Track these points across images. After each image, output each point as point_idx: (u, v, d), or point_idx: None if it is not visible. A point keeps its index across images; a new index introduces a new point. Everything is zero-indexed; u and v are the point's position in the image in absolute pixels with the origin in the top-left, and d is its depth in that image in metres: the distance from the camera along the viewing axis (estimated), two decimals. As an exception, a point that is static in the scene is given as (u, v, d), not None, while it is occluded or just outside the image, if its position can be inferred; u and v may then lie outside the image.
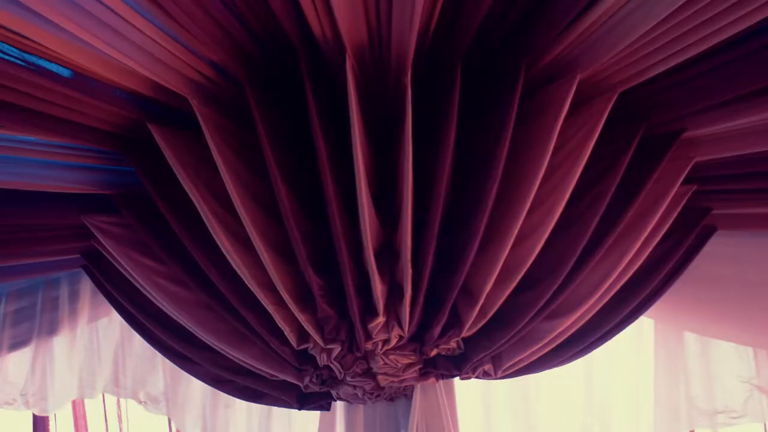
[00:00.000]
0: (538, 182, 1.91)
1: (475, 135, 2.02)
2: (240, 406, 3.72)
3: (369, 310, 2.11)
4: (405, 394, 2.53)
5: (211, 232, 2.03)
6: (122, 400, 4.45)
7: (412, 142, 1.81)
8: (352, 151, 1.82)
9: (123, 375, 3.75)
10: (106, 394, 3.95)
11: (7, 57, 1.69)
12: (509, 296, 2.12)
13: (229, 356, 2.39)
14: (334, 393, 2.48)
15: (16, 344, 3.48)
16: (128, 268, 2.35)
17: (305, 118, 1.90)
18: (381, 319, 2.12)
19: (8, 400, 3.78)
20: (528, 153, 1.94)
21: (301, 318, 2.10)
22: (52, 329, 3.45)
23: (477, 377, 2.41)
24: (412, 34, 1.67)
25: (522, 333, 2.23)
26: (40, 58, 1.74)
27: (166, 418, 3.91)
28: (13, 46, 1.67)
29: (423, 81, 1.94)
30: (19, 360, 3.74)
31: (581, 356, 2.49)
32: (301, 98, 1.89)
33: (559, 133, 1.88)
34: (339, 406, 2.74)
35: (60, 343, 3.69)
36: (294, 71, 1.87)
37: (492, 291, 2.09)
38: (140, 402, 3.77)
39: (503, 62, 1.96)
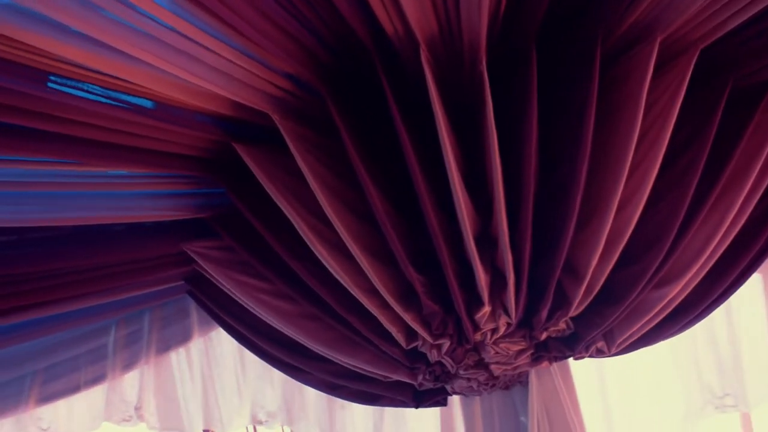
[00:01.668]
0: (631, 151, 1.86)
1: (557, 111, 1.99)
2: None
3: (474, 301, 2.09)
4: (520, 381, 2.50)
5: (308, 243, 2.04)
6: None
7: (495, 126, 1.79)
8: (437, 144, 1.81)
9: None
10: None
11: (92, 96, 1.74)
12: (614, 270, 2.08)
13: (340, 363, 2.40)
14: (448, 388, 2.46)
15: (129, 365, 3.56)
16: (231, 289, 2.38)
17: (387, 118, 1.89)
18: (487, 309, 2.09)
19: (125, 417, 3.87)
20: (616, 122, 1.90)
21: (407, 317, 2.09)
22: (162, 348, 3.52)
23: (591, 356, 2.36)
24: (482, 20, 1.65)
25: (632, 306, 2.18)
26: (123, 92, 1.79)
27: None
28: (97, 85, 1.72)
29: (498, 64, 1.92)
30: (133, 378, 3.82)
31: (695, 323, 2.42)
32: (381, 98, 1.88)
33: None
34: (455, 401, 2.72)
35: (173, 360, 3.76)
36: (370, 73, 1.87)
37: (596, 265, 2.05)
38: (260, 423, 3.80)
39: (578, 36, 1.93)
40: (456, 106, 1.98)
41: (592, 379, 3.31)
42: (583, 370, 3.13)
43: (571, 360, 2.47)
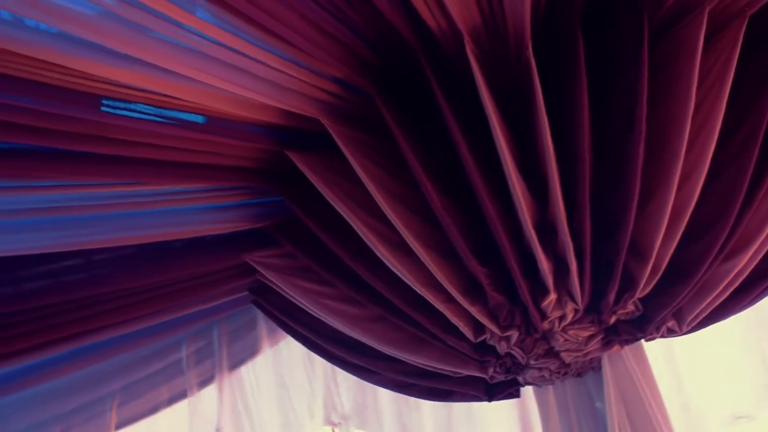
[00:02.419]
0: (688, 125, 1.83)
1: (608, 91, 1.96)
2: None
3: (539, 290, 2.07)
4: (592, 367, 2.46)
5: (369, 244, 2.05)
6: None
7: (545, 111, 1.78)
8: (489, 135, 1.80)
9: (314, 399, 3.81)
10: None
11: (145, 116, 1.77)
12: (679, 247, 2.04)
13: (409, 362, 2.40)
14: (520, 379, 2.45)
15: (203, 382, 3.60)
16: (295, 295, 2.40)
17: (437, 113, 1.89)
18: (552, 296, 2.07)
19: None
20: (670, 96, 1.87)
21: (473, 311, 2.08)
22: (235, 362, 3.55)
23: (662, 336, 2.33)
24: (525, 5, 1.64)
25: (701, 282, 2.14)
26: (174, 110, 1.81)
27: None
28: (149, 104, 1.75)
29: (543, 49, 1.90)
30: (211, 395, 3.85)
31: (766, 295, 2.37)
32: (429, 94, 1.88)
33: (696, 69, 1.82)
34: (529, 392, 2.70)
35: (246, 373, 3.79)
36: (416, 69, 1.87)
37: (660, 244, 2.02)
38: (334, 425, 3.82)
39: (623, 14, 1.90)
40: (505, 95, 1.96)
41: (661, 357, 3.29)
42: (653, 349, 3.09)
43: (643, 341, 2.44)
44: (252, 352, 3.55)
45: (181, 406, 3.49)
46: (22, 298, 2.26)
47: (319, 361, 3.64)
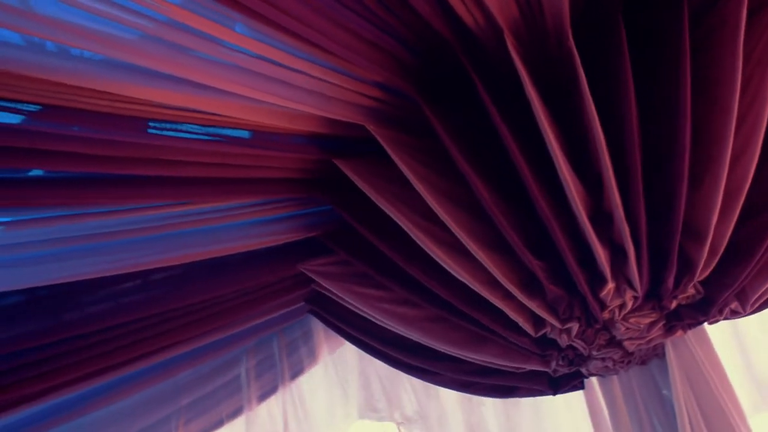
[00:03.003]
0: (736, 102, 1.81)
1: (651, 74, 1.94)
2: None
3: (597, 280, 2.06)
4: (656, 354, 2.43)
5: (422, 245, 2.05)
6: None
7: (591, 99, 1.76)
8: (535, 127, 1.79)
9: (375, 399, 3.81)
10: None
11: (191, 135, 1.79)
12: (737, 227, 2.01)
13: (471, 360, 2.39)
14: (584, 370, 2.42)
15: (265, 394, 3.62)
16: (352, 301, 2.41)
17: (481, 109, 1.89)
18: (611, 285, 2.05)
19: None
20: (715, 75, 1.85)
21: (532, 305, 2.07)
22: (295, 372, 3.57)
23: (726, 318, 2.29)
24: (563, -5, 1.64)
25: (762, 261, 2.10)
26: (220, 127, 1.83)
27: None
28: (194, 123, 1.76)
29: (584, 36, 1.88)
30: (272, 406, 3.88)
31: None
32: (472, 91, 1.88)
33: (741, 45, 1.79)
34: (594, 383, 2.68)
35: (306, 382, 3.81)
36: (457, 67, 1.87)
37: (717, 224, 1.99)
38: (398, 423, 3.82)
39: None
40: (548, 86, 1.95)
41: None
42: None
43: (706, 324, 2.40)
44: (311, 360, 3.56)
45: (240, 419, 3.54)
46: (85, 322, 2.29)
47: (379, 365, 3.64)
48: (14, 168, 1.74)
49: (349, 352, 3.74)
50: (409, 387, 3.74)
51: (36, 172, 1.79)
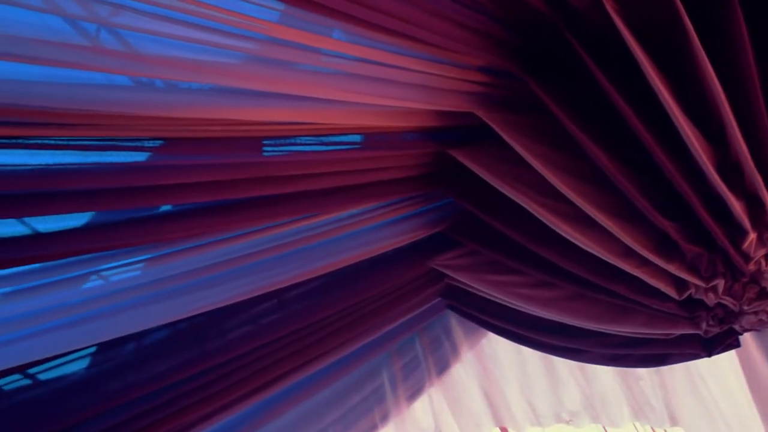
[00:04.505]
0: None
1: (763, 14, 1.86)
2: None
3: (736, 232, 1.98)
4: (811, 299, 2.34)
5: (548, 223, 2.02)
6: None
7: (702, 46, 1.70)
8: (644, 86, 1.74)
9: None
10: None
11: (306, 147, 1.82)
12: None
13: (616, 333, 2.35)
14: (737, 327, 2.34)
15: (413, 395, 3.63)
16: (487, 290, 2.40)
17: (587, 76, 1.84)
18: (752, 236, 1.98)
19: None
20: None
21: (671, 268, 2.01)
22: (440, 369, 3.57)
23: None
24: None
25: None
26: (331, 134, 1.85)
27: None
28: (308, 135, 1.79)
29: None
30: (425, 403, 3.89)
31: None
32: (575, 59, 1.83)
33: None
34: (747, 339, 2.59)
35: (454, 377, 3.81)
36: (557, 39, 1.83)
37: None
38: (566, 422, 3.77)
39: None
40: (654, 45, 1.89)
41: None
42: None
43: None
44: (455, 356, 3.56)
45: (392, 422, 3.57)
46: (226, 348, 2.35)
47: (529, 354, 3.60)
48: (145, 206, 1.81)
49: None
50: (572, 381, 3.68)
51: (165, 208, 1.85)
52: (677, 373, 3.47)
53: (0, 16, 1.24)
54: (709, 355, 2.46)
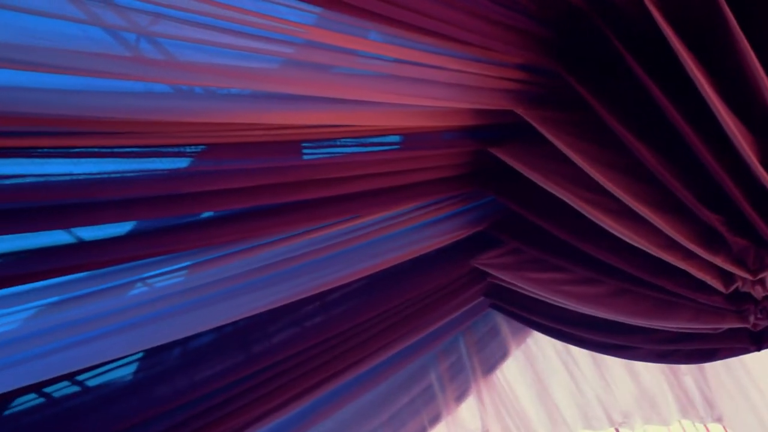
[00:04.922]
0: None
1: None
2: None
3: (782, 224, 1.95)
4: None
5: (592, 218, 2.01)
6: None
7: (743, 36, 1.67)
8: (684, 79, 1.72)
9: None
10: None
11: (347, 149, 1.82)
12: None
13: (663, 329, 2.33)
14: (786, 319, 2.31)
15: (461, 396, 3.62)
16: (531, 288, 2.39)
17: (625, 71, 1.83)
18: (799, 228, 1.95)
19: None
20: None
21: (717, 261, 1.99)
22: (488, 369, 3.56)
23: None
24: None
25: None
26: (370, 135, 1.86)
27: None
28: (348, 137, 1.79)
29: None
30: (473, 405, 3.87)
31: None
32: (612, 55, 1.82)
33: None
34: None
35: (500, 378, 3.79)
36: (594, 34, 1.82)
37: None
38: (617, 425, 3.73)
39: None
40: (691, 34, 1.87)
41: None
42: None
43: None
44: (502, 355, 3.55)
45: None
46: (271, 352, 2.37)
47: (577, 353, 3.57)
48: (187, 213, 1.82)
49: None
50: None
51: (206, 214, 1.86)
52: (719, 367, 3.43)
53: (42, 29, 1.25)
54: (759, 349, 2.42)
